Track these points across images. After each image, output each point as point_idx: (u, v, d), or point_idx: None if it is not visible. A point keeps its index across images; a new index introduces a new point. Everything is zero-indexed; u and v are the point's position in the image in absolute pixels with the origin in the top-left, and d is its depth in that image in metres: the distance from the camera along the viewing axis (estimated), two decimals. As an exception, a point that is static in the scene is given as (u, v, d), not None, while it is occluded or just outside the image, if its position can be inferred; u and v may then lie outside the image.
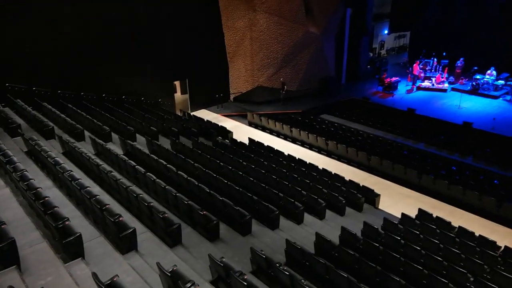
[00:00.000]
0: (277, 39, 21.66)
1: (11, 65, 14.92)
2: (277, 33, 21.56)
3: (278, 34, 21.61)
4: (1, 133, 11.30)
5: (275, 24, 21.37)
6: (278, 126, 17.66)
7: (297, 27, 21.92)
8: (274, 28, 21.42)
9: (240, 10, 21.20)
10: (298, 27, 21.95)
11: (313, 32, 22.67)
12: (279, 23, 21.42)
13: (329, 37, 24.24)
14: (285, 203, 9.48)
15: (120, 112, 16.11)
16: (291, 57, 22.49)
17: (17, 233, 5.65)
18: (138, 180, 9.43)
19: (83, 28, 16.63)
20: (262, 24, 21.15)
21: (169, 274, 5.15)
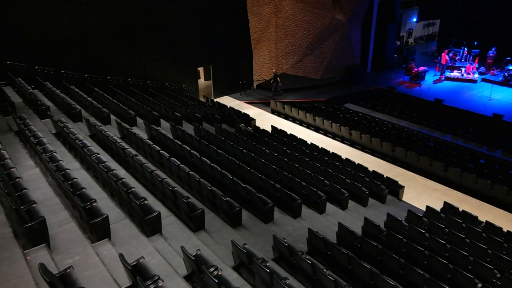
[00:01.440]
0: (303, 26, 21.34)
1: (41, 48, 15.25)
2: (302, 20, 21.23)
3: (303, 21, 21.27)
4: (31, 114, 11.59)
5: (300, 11, 21.03)
6: (301, 115, 17.51)
7: (323, 14, 21.52)
8: (300, 15, 21.09)
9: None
10: (324, 14, 21.55)
11: (339, 19, 22.22)
12: (305, 10, 21.06)
13: (356, 25, 23.72)
14: (307, 192, 9.44)
15: (145, 97, 16.29)
16: (316, 44, 22.15)
17: (47, 212, 5.81)
18: (162, 165, 9.54)
19: (110, 14, 16.78)
20: (288, 11, 20.85)
21: (193, 258, 5.21)
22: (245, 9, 21.63)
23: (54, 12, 15.23)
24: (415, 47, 28.91)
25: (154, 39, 18.46)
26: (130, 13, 17.37)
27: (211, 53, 20.83)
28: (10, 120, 10.55)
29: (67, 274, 4.31)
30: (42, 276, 3.98)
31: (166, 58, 19.17)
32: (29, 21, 14.73)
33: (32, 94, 12.53)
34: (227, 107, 17.68)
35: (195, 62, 20.82)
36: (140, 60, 18.24)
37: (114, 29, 17.02)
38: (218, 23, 20.61)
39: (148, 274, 4.68)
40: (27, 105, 12.43)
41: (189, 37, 19.69)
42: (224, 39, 21.06)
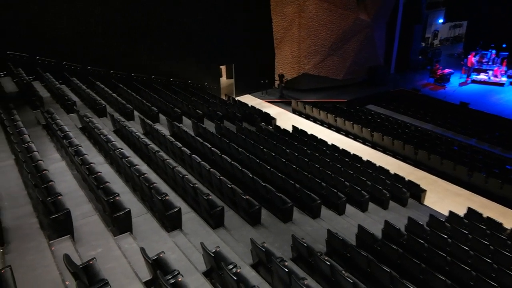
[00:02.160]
0: (326, 26, 21.19)
1: (69, 45, 15.62)
2: (326, 20, 21.08)
3: (327, 21, 21.12)
4: (58, 109, 11.89)
5: (324, 11, 20.88)
6: (322, 115, 17.40)
7: (347, 14, 21.32)
8: (324, 15, 20.95)
9: (289, -5, 20.91)
10: (348, 14, 21.34)
11: (363, 19, 21.97)
12: (329, 10, 20.91)
13: (380, 25, 23.41)
14: (327, 192, 9.38)
15: (168, 94, 16.50)
16: (339, 44, 21.95)
17: (72, 204, 5.94)
18: (183, 161, 9.65)
19: (136, 11, 17.05)
20: (312, 10, 20.74)
21: (212, 254, 5.26)
22: (269, 8, 21.62)
23: (82, 9, 15.58)
24: (440, 48, 28.35)
25: (179, 37, 18.66)
26: (155, 11, 17.60)
27: (233, 52, 20.91)
28: (38, 114, 10.85)
29: (90, 265, 4.42)
30: (66, 266, 4.09)
31: (189, 56, 19.35)
32: (58, 18, 15.11)
33: (60, 89, 12.85)
34: (248, 105, 17.72)
35: (218, 60, 20.94)
36: (164, 57, 18.48)
37: (140, 27, 17.29)
38: (241, 22, 20.68)
39: (168, 268, 4.75)
40: (55, 99, 12.75)
41: (213, 35, 19.82)
42: (246, 38, 21.11)
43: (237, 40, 20.79)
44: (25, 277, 4.37)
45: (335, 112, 17.75)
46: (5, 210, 5.74)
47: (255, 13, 21.23)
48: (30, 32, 14.47)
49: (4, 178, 6.76)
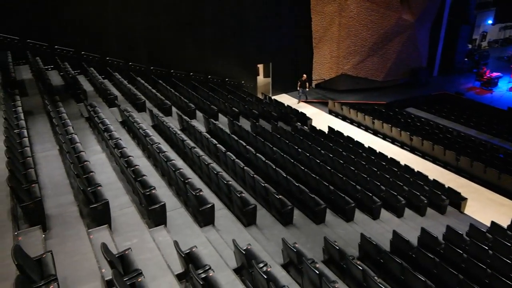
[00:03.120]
0: (367, 26, 20.74)
1: (112, 41, 16.17)
2: (367, 20, 20.63)
3: (368, 21, 20.66)
4: (101, 102, 12.33)
5: (366, 10, 20.44)
6: (359, 117, 17.07)
7: (389, 13, 20.76)
8: (365, 14, 20.51)
9: (330, -6, 20.63)
10: (390, 13, 20.78)
11: (406, 19, 21.32)
12: (370, 9, 20.45)
13: (424, 25, 22.63)
14: (362, 196, 9.19)
15: (205, 91, 16.73)
16: (380, 45, 21.43)
17: (110, 195, 6.14)
18: (218, 158, 9.75)
19: (178, 9, 17.38)
20: (353, 10, 20.37)
21: (244, 252, 5.28)
22: (309, 7, 21.43)
23: (127, 7, 16.07)
24: (488, 51, 27.07)
25: (218, 35, 18.86)
26: (197, 8, 17.88)
27: (271, 51, 20.89)
28: (82, 107, 11.29)
29: (125, 255, 4.55)
30: (103, 254, 4.23)
31: (228, 54, 19.52)
32: (103, 16, 15.67)
33: (103, 83, 13.33)
34: (284, 105, 17.66)
35: (255, 59, 20.99)
36: (203, 55, 18.74)
37: (181, 24, 17.63)
38: (280, 20, 20.62)
39: (199, 263, 4.81)
40: (98, 93, 13.24)
41: (252, 33, 19.89)
42: (285, 37, 21.03)
43: (275, 39, 20.74)
44: (64, 262, 4.56)
45: (373, 114, 17.35)
46: (48, 197, 6.02)
47: (294, 12, 21.10)
48: (76, 28, 15.09)
49: (48, 167, 7.09)
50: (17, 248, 3.77)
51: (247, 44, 19.96)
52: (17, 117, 8.55)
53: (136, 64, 16.89)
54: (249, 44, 20.02)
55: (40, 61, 13.83)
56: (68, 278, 4.31)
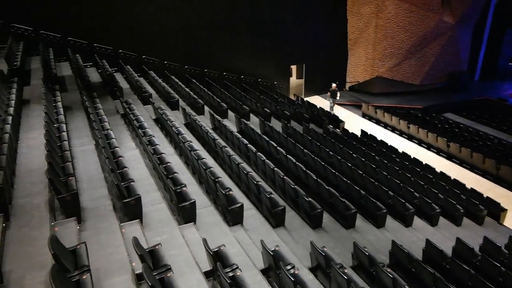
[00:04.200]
0: (405, 28, 20.21)
1: (149, 40, 16.55)
2: (405, 22, 20.11)
3: (406, 23, 20.14)
4: (136, 100, 12.63)
5: (404, 12, 19.93)
6: (394, 121, 16.65)
7: (429, 15, 20.15)
8: (403, 16, 20.00)
9: (368, -5, 20.26)
10: (430, 15, 20.16)
11: (447, 21, 20.62)
12: (409, 11, 19.92)
13: (466, 28, 21.80)
14: (394, 202, 8.95)
15: (238, 91, 16.82)
16: (418, 48, 20.84)
17: (142, 191, 6.27)
18: (248, 158, 9.77)
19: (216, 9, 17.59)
20: (390, 11, 19.91)
21: (271, 253, 5.25)
22: (345, 8, 21.14)
23: (165, 8, 16.40)
24: (535, 56, 25.69)
25: (254, 35, 18.94)
26: (234, 7, 18.02)
27: (305, 52, 20.75)
28: (118, 104, 11.61)
29: (155, 250, 4.63)
30: (134, 248, 4.32)
31: (262, 54, 19.55)
32: (141, 16, 16.06)
33: (138, 81, 13.66)
34: (316, 107, 17.50)
35: (289, 60, 20.91)
36: (237, 55, 18.85)
37: (218, 24, 17.82)
38: (316, 21, 20.44)
39: (227, 262, 4.83)
40: (133, 91, 13.58)
41: (286, 34, 19.82)
42: (319, 38, 20.83)
43: (310, 40, 20.59)
44: (97, 254, 4.69)
45: (408, 119, 16.89)
46: (84, 191, 6.21)
47: (330, 13, 20.86)
48: (116, 27, 15.55)
49: (85, 161, 7.32)
50: (54, 238, 3.91)
51: (282, 44, 19.92)
52: (57, 112, 8.89)
53: (171, 63, 17.21)
54: (284, 45, 19.97)
55: (80, 58, 14.34)
56: (100, 270, 4.42)
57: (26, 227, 4.92)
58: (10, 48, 11.81)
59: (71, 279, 3.77)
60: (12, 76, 10.02)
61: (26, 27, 14.13)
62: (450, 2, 20.51)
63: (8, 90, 9.05)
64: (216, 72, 18.47)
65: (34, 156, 6.83)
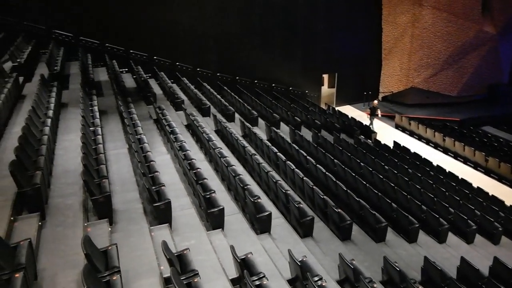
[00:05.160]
0: (442, 38, 19.70)
1: (183, 47, 16.91)
2: (443, 31, 19.60)
3: (444, 32, 19.62)
4: (168, 106, 12.87)
5: (442, 21, 19.44)
6: (429, 133, 16.18)
7: (469, 25, 19.56)
8: (441, 26, 19.51)
9: (404, 4, 19.91)
10: (470, 25, 19.57)
11: (488, 31, 19.96)
12: (447, 20, 19.41)
13: (507, 38, 20.99)
14: (427, 217, 8.66)
15: (268, 99, 16.85)
16: (456, 58, 20.23)
17: (172, 196, 6.33)
18: (278, 167, 9.72)
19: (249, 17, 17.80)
20: (427, 21, 19.47)
21: (299, 263, 5.17)
22: (380, 17, 20.85)
23: (197, 14, 16.73)
24: None
25: (286, 44, 18.99)
26: (267, 16, 18.15)
27: (337, 61, 20.58)
28: (151, 109, 11.86)
29: (183, 254, 4.65)
30: (163, 252, 4.36)
31: (294, 63, 19.56)
32: (176, 23, 16.45)
33: (171, 87, 13.93)
34: (348, 116, 17.27)
35: (321, 69, 20.81)
36: (270, 63, 18.93)
37: (250, 32, 18.00)
38: (349, 30, 20.27)
39: (254, 270, 4.79)
40: (166, 97, 13.85)
41: (319, 43, 19.76)
42: (353, 47, 20.62)
43: (343, 49, 20.43)
44: (127, 256, 4.76)
45: (444, 131, 16.38)
46: (116, 193, 6.34)
47: (364, 22, 20.65)
48: (151, 34, 15.98)
49: (118, 164, 7.49)
50: (87, 238, 4.00)
51: (314, 53, 19.86)
52: (93, 115, 9.17)
53: (203, 70, 17.48)
54: (316, 53, 19.91)
55: (116, 64, 14.79)
56: (129, 271, 4.49)
57: (60, 226, 5.07)
58: (51, 54, 12.33)
59: (102, 279, 3.84)
60: (52, 80, 10.44)
61: (66, 33, 14.75)
62: (492, 11, 19.85)
63: (48, 94, 9.43)
64: (248, 79, 18.60)
65: (70, 158, 7.05)
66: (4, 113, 7.79)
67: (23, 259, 3.67)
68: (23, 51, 11.91)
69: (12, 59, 10.90)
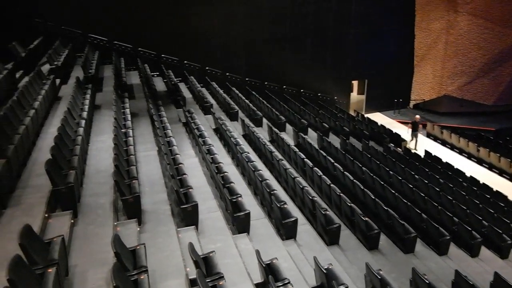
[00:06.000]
0: (478, 45, 19.11)
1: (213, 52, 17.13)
2: (479, 38, 19.02)
3: (480, 40, 19.04)
4: (197, 109, 13.05)
5: (478, 28, 18.87)
6: (462, 143, 15.68)
7: (507, 32, 18.91)
8: (477, 33, 18.94)
9: (438, 10, 19.46)
10: (508, 32, 18.91)
11: (526, 39, 19.22)
12: (484, 27, 18.83)
13: (548, 46, 20.14)
14: (459, 229, 8.38)
15: (297, 105, 16.81)
16: (492, 66, 19.57)
17: (199, 198, 6.39)
18: (305, 173, 9.66)
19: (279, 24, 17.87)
20: (463, 27, 18.95)
21: (325, 271, 5.10)
22: (411, 24, 20.44)
23: (227, 20, 16.93)
24: None
25: (315, 49, 18.94)
26: (297, 22, 18.16)
27: (367, 67, 20.32)
28: (180, 112, 12.06)
29: (209, 257, 4.69)
30: (190, 254, 4.41)
31: (323, 68, 19.46)
32: (206, 29, 16.70)
33: (200, 91, 14.12)
34: (377, 124, 16.99)
35: (351, 75, 20.60)
36: (298, 68, 18.90)
37: (279, 37, 18.06)
38: (380, 37, 19.98)
39: (279, 275, 4.76)
40: (195, 100, 14.05)
41: (350, 49, 19.59)
42: (383, 53, 20.30)
43: (373, 56, 20.15)
44: (155, 256, 4.84)
45: (478, 141, 15.83)
46: (145, 194, 6.47)
47: (395, 28, 20.29)
48: (182, 39, 16.28)
49: (147, 166, 7.64)
50: (117, 237, 4.10)
51: (344, 60, 19.70)
52: (124, 117, 9.41)
53: (232, 75, 17.63)
54: (346, 60, 19.74)
55: (148, 68, 15.14)
56: (156, 272, 4.56)
57: (91, 224, 5.21)
58: (87, 57, 12.76)
59: (130, 278, 3.92)
60: (87, 83, 10.79)
61: (101, 37, 15.24)
62: (531, 18, 19.12)
63: (82, 96, 9.75)
64: (276, 85, 18.62)
65: (102, 159, 7.25)
66: (41, 114, 8.11)
67: (56, 255, 3.80)
68: (60, 54, 12.38)
69: (50, 62, 11.35)
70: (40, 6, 13.92)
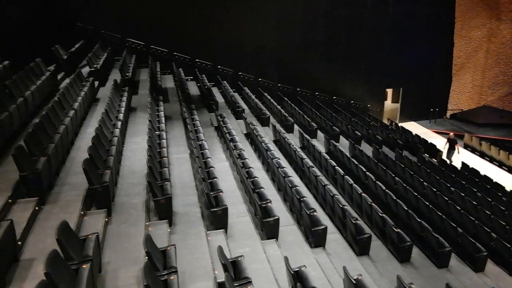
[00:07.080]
0: (521, 54, 18.35)
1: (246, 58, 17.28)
2: (522, 47, 18.26)
3: (523, 49, 18.27)
4: (229, 114, 13.16)
5: (522, 36, 18.13)
6: (502, 155, 15.03)
7: (552, 41, 18.05)
8: (520, 41, 18.20)
9: (480, 18, 18.84)
10: (553, 41, 18.05)
11: None
12: (527, 36, 18.06)
13: None
14: (497, 245, 8.01)
15: (329, 112, 16.65)
16: (535, 76, 18.73)
17: (229, 202, 6.43)
18: (335, 181, 9.53)
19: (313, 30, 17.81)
20: (506, 36, 18.24)
21: (354, 281, 5.00)
22: (451, 31, 19.86)
23: (260, 26, 17.02)
24: None
25: (349, 56, 18.73)
26: (331, 28, 18.04)
27: (403, 75, 19.87)
28: (213, 117, 12.20)
29: (238, 261, 4.69)
30: (218, 257, 4.43)
31: (357, 75, 19.21)
32: (240, 34, 16.86)
33: (233, 96, 14.24)
34: (411, 133, 16.57)
35: (385, 83, 20.23)
36: (331, 75, 18.76)
37: (313, 44, 17.99)
38: (416, 44, 19.52)
39: (307, 284, 4.70)
40: (227, 105, 14.19)
41: (383, 56, 19.24)
42: (419, 61, 19.81)
43: (409, 63, 19.70)
44: (184, 257, 4.89)
45: (519, 154, 15.14)
46: (177, 196, 6.56)
47: (433, 35, 19.76)
48: (216, 45, 16.51)
49: (179, 168, 7.76)
50: (148, 237, 4.17)
51: (378, 67, 19.36)
52: (159, 120, 9.61)
53: (264, 81, 17.70)
54: (380, 67, 19.39)
55: (182, 72, 15.44)
56: (185, 273, 4.60)
57: (124, 223, 5.33)
58: (124, 61, 13.15)
59: (160, 277, 3.97)
60: (124, 86, 11.12)
61: (138, 41, 15.69)
62: None
63: (119, 98, 10.04)
64: (308, 91, 18.53)
65: (136, 160, 7.42)
66: (80, 114, 8.41)
67: (90, 252, 3.90)
68: (99, 57, 12.83)
69: (89, 64, 11.78)
70: (82, 11, 14.51)
